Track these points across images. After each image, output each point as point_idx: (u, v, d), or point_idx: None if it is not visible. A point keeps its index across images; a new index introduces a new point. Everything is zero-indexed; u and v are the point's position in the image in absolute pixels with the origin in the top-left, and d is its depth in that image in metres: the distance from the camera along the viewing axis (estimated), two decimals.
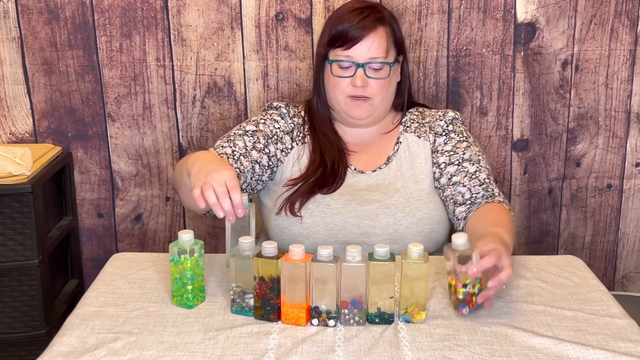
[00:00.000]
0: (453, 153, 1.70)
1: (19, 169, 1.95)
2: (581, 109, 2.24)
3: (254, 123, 1.73)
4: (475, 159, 1.70)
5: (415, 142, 1.75)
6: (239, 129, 1.72)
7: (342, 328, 1.32)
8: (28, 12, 2.10)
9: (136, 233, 2.30)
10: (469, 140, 1.74)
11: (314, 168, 1.70)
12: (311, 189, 1.66)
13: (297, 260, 1.29)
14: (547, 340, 1.27)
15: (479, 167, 1.68)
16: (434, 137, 1.74)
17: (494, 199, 1.64)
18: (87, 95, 2.17)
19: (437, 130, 1.75)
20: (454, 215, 1.67)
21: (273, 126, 1.74)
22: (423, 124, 1.77)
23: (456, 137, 1.73)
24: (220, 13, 2.11)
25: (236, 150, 1.65)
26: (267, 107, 1.80)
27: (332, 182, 1.67)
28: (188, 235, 1.37)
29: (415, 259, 1.30)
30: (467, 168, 1.68)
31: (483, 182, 1.66)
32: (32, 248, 1.95)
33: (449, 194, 1.68)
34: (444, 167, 1.70)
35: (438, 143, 1.73)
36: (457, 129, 1.75)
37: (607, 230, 2.36)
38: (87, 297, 1.45)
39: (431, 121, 1.76)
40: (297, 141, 1.75)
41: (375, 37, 1.67)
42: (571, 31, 2.17)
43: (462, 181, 1.67)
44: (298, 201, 1.64)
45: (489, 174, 1.70)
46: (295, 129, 1.76)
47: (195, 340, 1.28)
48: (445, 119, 1.75)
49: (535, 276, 1.54)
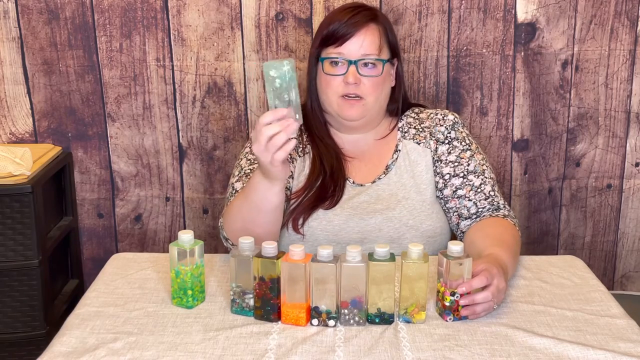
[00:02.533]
0: (457, 164, 1.68)
1: (19, 169, 1.95)
2: (581, 109, 2.25)
3: None
4: (479, 169, 1.68)
5: (415, 150, 1.71)
6: (253, 164, 1.66)
7: (342, 328, 1.32)
8: (28, 12, 2.10)
9: (136, 233, 2.30)
10: (472, 148, 1.71)
11: (314, 177, 1.66)
12: (313, 203, 1.63)
13: (297, 260, 1.29)
14: (547, 340, 1.27)
15: (484, 179, 1.67)
16: (435, 144, 1.71)
17: (499, 212, 1.64)
18: (87, 95, 2.17)
19: (438, 137, 1.71)
20: (457, 228, 1.67)
21: None
22: (422, 129, 1.73)
23: (459, 146, 1.70)
24: (220, 13, 2.11)
25: None
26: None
27: (333, 193, 1.64)
28: (188, 235, 1.37)
29: (415, 259, 1.31)
30: (473, 181, 1.67)
31: (489, 196, 1.66)
32: (32, 248, 1.95)
33: (452, 206, 1.67)
34: (448, 179, 1.68)
35: (441, 152, 1.70)
36: (459, 136, 1.72)
37: (606, 230, 2.36)
38: (87, 297, 1.45)
39: (431, 126, 1.73)
40: (299, 153, 1.72)
41: (367, 33, 1.64)
42: (571, 31, 2.17)
43: (467, 195, 1.66)
44: (301, 217, 1.62)
45: (494, 183, 1.69)
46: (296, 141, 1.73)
47: (195, 340, 1.28)
48: (446, 124, 1.72)
49: (535, 276, 1.54)
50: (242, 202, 1.52)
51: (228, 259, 1.52)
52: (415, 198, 1.66)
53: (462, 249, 1.31)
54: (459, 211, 1.67)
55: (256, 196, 1.48)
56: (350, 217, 1.63)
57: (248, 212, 1.51)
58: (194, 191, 2.26)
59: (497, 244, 1.52)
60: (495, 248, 1.49)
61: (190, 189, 2.26)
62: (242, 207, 1.52)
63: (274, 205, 1.49)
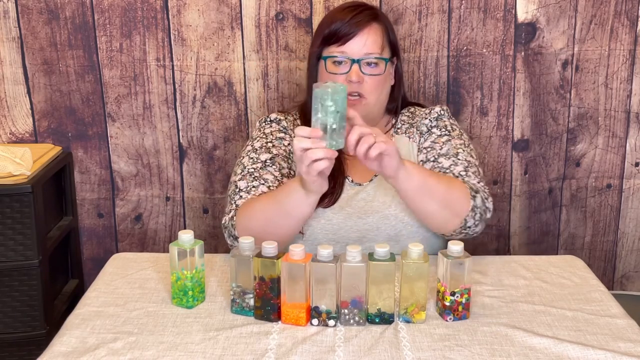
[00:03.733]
0: (430, 149, 1.67)
1: (19, 169, 1.95)
2: (581, 109, 2.25)
3: (265, 150, 1.68)
4: (452, 152, 1.64)
5: (406, 145, 1.72)
6: (255, 162, 1.66)
7: (342, 328, 1.32)
8: (28, 12, 2.10)
9: (136, 233, 2.30)
10: (451, 134, 1.69)
11: None
12: None
13: (297, 260, 1.30)
14: (547, 340, 1.27)
15: (456, 160, 1.63)
16: (419, 136, 1.73)
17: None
18: (87, 95, 2.17)
19: (422, 130, 1.73)
20: None
21: (282, 145, 1.70)
22: (412, 125, 1.75)
23: (437, 132, 1.70)
24: (220, 13, 2.11)
25: (271, 185, 1.60)
26: (265, 121, 1.76)
27: (332, 191, 1.63)
28: (188, 235, 1.37)
29: (415, 259, 1.31)
30: (442, 163, 1.63)
31: (458, 176, 1.60)
32: (32, 248, 1.95)
33: None
34: (421, 165, 1.66)
35: (421, 142, 1.71)
36: (440, 124, 1.71)
37: (606, 230, 2.36)
38: (87, 297, 1.46)
39: (418, 120, 1.75)
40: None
41: (370, 32, 1.65)
42: (571, 31, 2.17)
43: None
44: None
45: (469, 166, 1.63)
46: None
47: (195, 340, 1.28)
48: (431, 117, 1.73)
49: (535, 276, 1.54)
50: (271, 205, 1.50)
51: (228, 258, 1.52)
52: None
53: (462, 248, 1.31)
54: None
55: (289, 202, 1.47)
56: (348, 217, 1.63)
57: (275, 215, 1.49)
58: (194, 191, 2.26)
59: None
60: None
61: (191, 188, 2.26)
62: (269, 209, 1.50)
63: (305, 215, 1.49)
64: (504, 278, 1.53)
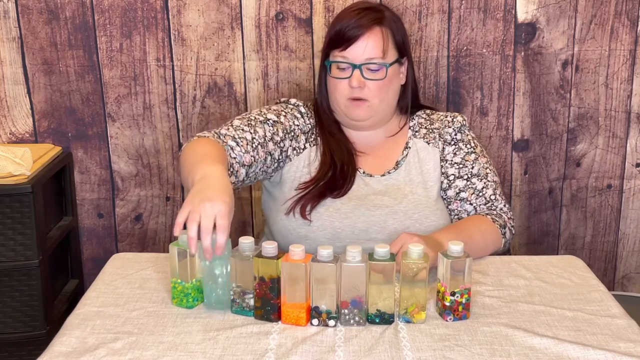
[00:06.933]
0: (462, 166, 1.72)
1: (19, 169, 1.95)
2: (581, 109, 2.24)
3: (275, 113, 1.71)
4: (483, 173, 1.72)
5: (424, 148, 1.75)
6: (260, 114, 1.69)
7: (342, 328, 1.32)
8: (28, 12, 2.10)
9: (136, 233, 2.30)
10: (476, 151, 1.75)
11: (324, 170, 1.69)
12: (322, 192, 1.65)
13: (297, 260, 1.29)
14: (547, 340, 1.27)
15: (487, 182, 1.72)
16: (442, 144, 1.75)
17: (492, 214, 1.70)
18: (87, 95, 2.17)
19: (446, 138, 1.75)
20: None
21: (293, 122, 1.73)
22: (432, 130, 1.77)
23: (464, 148, 1.75)
24: (220, 13, 2.11)
25: (256, 138, 1.63)
26: (285, 101, 1.79)
27: (342, 184, 1.67)
28: None
29: (415, 259, 1.31)
30: (475, 184, 1.71)
31: (489, 200, 1.71)
32: (32, 248, 1.95)
33: (454, 208, 1.71)
34: (452, 180, 1.72)
35: (447, 152, 1.75)
36: (465, 138, 1.76)
37: (607, 230, 2.36)
38: (87, 297, 1.45)
39: (440, 127, 1.77)
40: (310, 142, 1.74)
41: (371, 37, 1.65)
42: (571, 31, 2.17)
43: (469, 198, 1.70)
44: (309, 204, 1.64)
45: (496, 187, 1.73)
46: (311, 130, 1.76)
47: (195, 340, 1.28)
48: (454, 126, 1.76)
49: (535, 276, 1.54)
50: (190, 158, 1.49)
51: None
52: (422, 193, 1.69)
53: (462, 249, 1.31)
54: (460, 214, 1.71)
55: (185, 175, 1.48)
56: (357, 207, 1.65)
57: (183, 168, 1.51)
58: None
59: (449, 228, 1.61)
60: (448, 229, 1.59)
61: None
62: (188, 159, 1.50)
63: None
64: (504, 278, 1.53)
